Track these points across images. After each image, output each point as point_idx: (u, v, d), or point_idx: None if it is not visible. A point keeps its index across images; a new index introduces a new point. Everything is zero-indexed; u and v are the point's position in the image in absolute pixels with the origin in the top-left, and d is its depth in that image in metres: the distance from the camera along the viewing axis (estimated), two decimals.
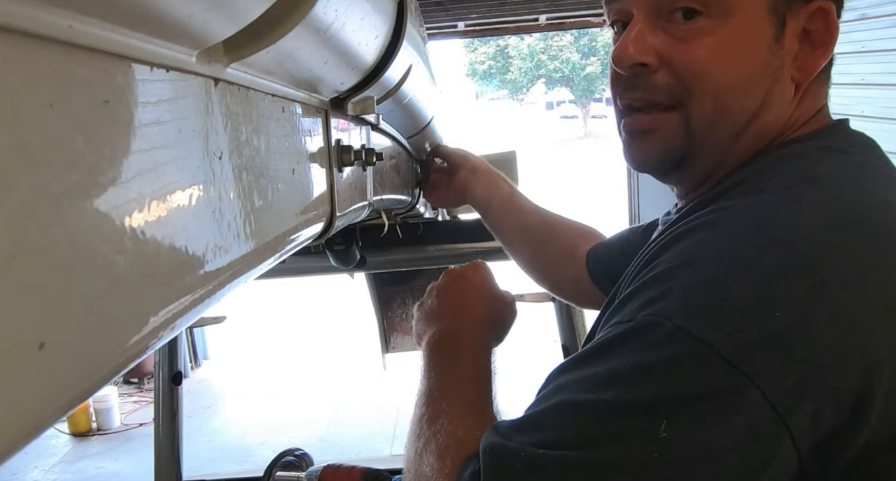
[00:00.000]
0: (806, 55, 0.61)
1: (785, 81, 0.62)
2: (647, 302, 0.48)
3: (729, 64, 0.60)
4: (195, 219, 0.38)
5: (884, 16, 3.52)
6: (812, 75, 0.62)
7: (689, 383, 0.43)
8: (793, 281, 0.45)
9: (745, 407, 0.43)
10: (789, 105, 0.63)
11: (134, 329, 0.31)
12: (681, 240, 0.52)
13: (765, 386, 0.43)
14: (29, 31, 0.24)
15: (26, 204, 0.24)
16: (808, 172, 0.56)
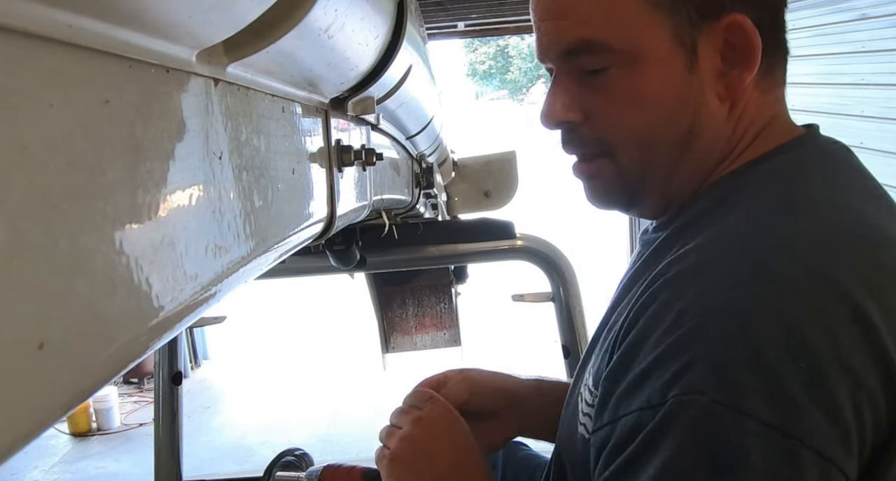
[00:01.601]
0: (732, 71, 0.59)
1: (710, 104, 0.60)
2: (673, 378, 0.45)
3: (643, 108, 0.60)
4: (195, 219, 0.38)
5: (884, 16, 3.52)
6: (740, 90, 0.59)
7: (744, 461, 0.41)
8: (807, 324, 0.44)
9: (805, 469, 0.42)
10: (725, 124, 0.61)
11: (134, 329, 0.31)
12: (675, 293, 0.49)
13: (817, 445, 0.42)
14: (29, 31, 0.24)
15: (26, 204, 0.24)
16: (780, 197, 0.54)
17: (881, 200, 0.57)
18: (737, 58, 0.58)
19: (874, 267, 0.48)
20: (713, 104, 0.60)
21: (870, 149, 3.69)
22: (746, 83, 0.59)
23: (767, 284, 0.46)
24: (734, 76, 0.59)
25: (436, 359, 2.61)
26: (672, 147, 0.61)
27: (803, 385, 0.42)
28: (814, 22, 4.22)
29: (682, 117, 0.60)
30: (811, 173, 0.56)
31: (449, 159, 2.55)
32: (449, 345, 2.32)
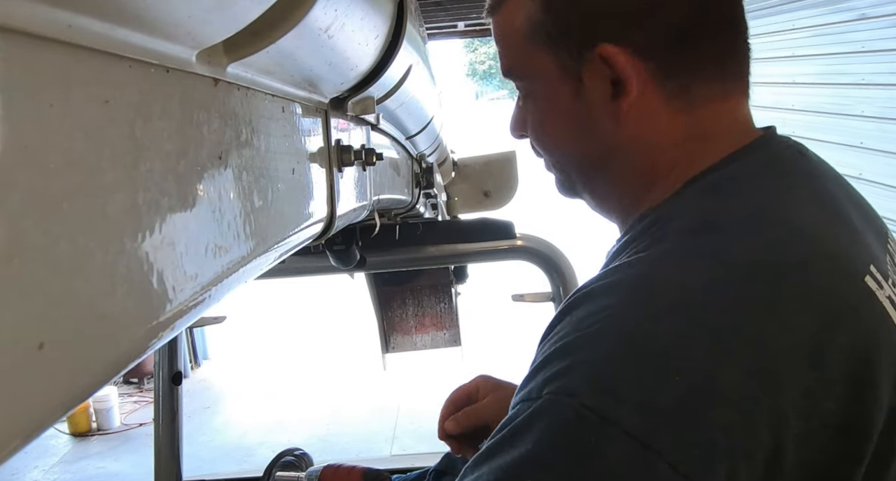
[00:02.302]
0: (618, 97, 0.60)
1: (609, 129, 0.61)
2: (552, 377, 0.47)
3: (552, 131, 0.66)
4: (195, 219, 0.38)
5: (884, 16, 3.52)
6: (629, 115, 0.60)
7: (599, 465, 0.43)
8: (692, 343, 0.45)
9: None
10: (639, 145, 0.61)
11: (134, 329, 0.31)
12: (585, 304, 0.51)
13: (675, 460, 0.42)
14: (29, 31, 0.24)
15: (26, 204, 0.24)
16: (709, 218, 0.54)
17: (826, 206, 0.56)
18: (619, 85, 0.59)
19: (780, 288, 0.48)
20: (610, 128, 0.61)
21: (870, 149, 3.70)
22: (628, 109, 0.59)
23: (665, 311, 0.47)
24: (619, 103, 0.60)
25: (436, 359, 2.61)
26: (588, 168, 0.66)
27: (674, 402, 0.43)
28: (814, 22, 4.22)
29: (587, 141, 0.63)
30: (746, 187, 0.56)
31: (449, 159, 2.55)
32: (449, 345, 2.32)
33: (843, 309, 0.48)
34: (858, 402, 0.47)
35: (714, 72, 0.60)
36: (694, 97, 0.60)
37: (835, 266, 0.50)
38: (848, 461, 0.46)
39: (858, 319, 0.48)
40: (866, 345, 0.48)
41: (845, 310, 0.48)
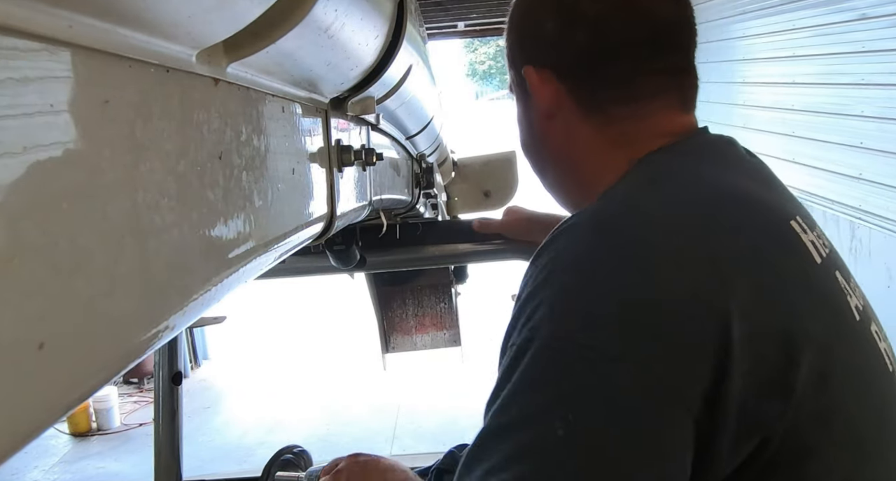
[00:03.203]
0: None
1: (541, 136, 0.71)
2: (526, 320, 0.52)
3: (519, 139, 0.76)
4: (195, 219, 0.38)
5: (884, 16, 3.51)
6: (549, 127, 0.69)
7: (569, 379, 0.48)
8: (619, 265, 0.51)
9: (622, 384, 0.47)
10: (568, 151, 0.69)
11: (134, 329, 0.31)
12: (542, 253, 0.56)
13: (632, 361, 0.47)
14: (29, 31, 0.24)
15: (26, 204, 0.24)
16: (653, 177, 0.60)
17: (753, 177, 0.62)
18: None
19: (717, 227, 0.53)
20: (546, 140, 0.71)
21: (870, 149, 3.69)
22: (542, 122, 0.69)
23: (605, 241, 0.53)
24: (550, 119, 0.69)
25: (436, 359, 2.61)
26: (540, 172, 0.75)
27: (617, 312, 0.49)
28: (814, 22, 4.22)
29: (535, 150, 0.74)
30: (684, 156, 0.62)
31: (449, 159, 2.55)
32: (449, 345, 2.32)
33: (774, 238, 0.54)
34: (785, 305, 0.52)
35: (626, 93, 0.66)
36: (610, 115, 0.66)
37: (766, 207, 0.57)
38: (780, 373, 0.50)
39: (788, 244, 0.55)
40: (794, 268, 0.54)
41: (775, 239, 0.54)
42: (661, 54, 0.66)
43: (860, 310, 0.58)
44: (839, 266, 0.60)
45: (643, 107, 0.66)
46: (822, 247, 0.59)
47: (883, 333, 0.62)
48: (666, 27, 0.66)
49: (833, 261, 0.59)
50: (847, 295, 0.58)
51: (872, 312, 0.63)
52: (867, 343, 0.57)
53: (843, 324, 0.55)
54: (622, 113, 0.66)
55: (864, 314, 0.59)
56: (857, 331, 0.56)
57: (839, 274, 0.59)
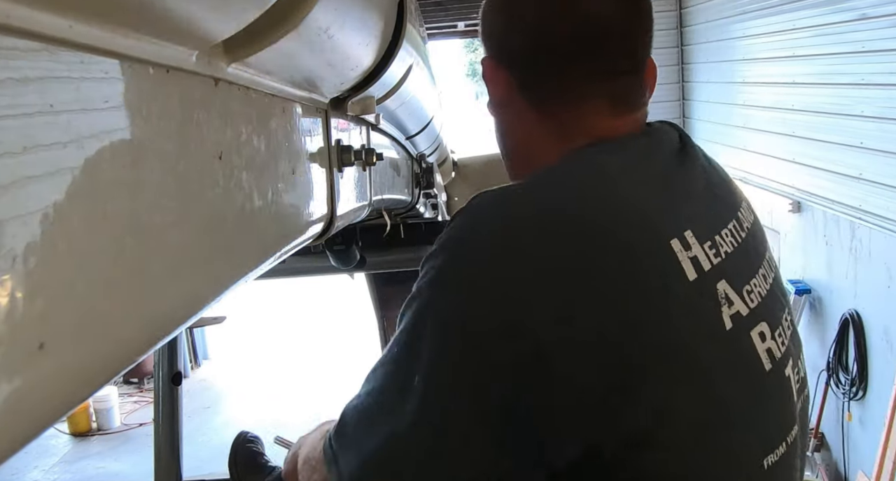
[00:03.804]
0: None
1: (504, 121, 0.77)
2: (417, 282, 0.61)
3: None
4: (195, 219, 0.38)
5: (884, 16, 3.51)
6: (498, 109, 0.75)
7: (424, 332, 0.58)
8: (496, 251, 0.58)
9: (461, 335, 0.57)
10: (518, 136, 0.76)
11: (134, 329, 0.31)
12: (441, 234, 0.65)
13: (469, 317, 0.57)
14: (29, 31, 0.24)
15: (26, 205, 0.24)
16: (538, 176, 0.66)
17: (656, 184, 0.65)
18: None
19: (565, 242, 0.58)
20: (498, 121, 0.77)
21: (870, 149, 3.69)
22: (497, 108, 0.75)
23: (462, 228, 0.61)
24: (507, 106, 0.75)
25: None
26: (501, 148, 0.81)
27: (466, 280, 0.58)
28: (814, 22, 4.22)
29: (497, 128, 0.79)
30: (589, 163, 0.66)
31: (449, 159, 2.55)
32: None
33: (617, 256, 0.58)
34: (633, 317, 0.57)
35: (560, 92, 0.71)
36: (548, 111, 0.71)
37: (635, 223, 0.60)
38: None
39: (636, 262, 0.58)
40: (633, 285, 0.58)
41: (618, 257, 0.58)
42: (596, 58, 0.69)
43: (740, 317, 0.61)
44: (735, 270, 0.63)
45: (575, 106, 0.70)
46: (714, 257, 0.62)
47: (779, 331, 0.66)
48: (603, 32, 0.68)
49: (722, 270, 0.62)
50: (723, 305, 0.61)
51: (772, 313, 0.66)
52: (736, 351, 0.61)
53: (694, 333, 0.59)
54: (558, 110, 0.71)
55: (747, 319, 0.62)
56: (719, 339, 0.60)
57: (726, 283, 0.62)
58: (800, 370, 0.70)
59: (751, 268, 0.66)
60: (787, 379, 0.66)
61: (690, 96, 6.68)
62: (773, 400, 0.64)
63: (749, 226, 0.70)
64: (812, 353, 4.61)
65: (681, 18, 6.74)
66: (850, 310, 4.04)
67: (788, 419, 0.65)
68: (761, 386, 0.63)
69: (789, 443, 0.64)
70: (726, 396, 0.60)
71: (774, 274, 0.71)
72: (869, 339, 3.92)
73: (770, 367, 0.63)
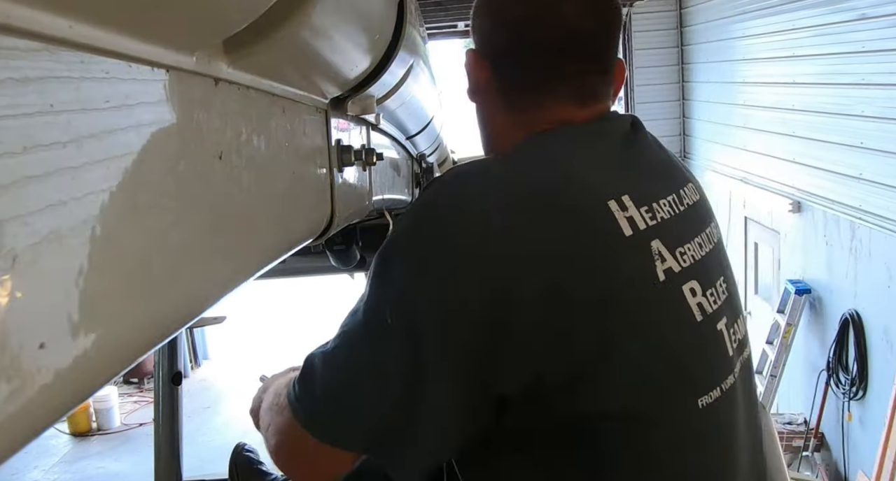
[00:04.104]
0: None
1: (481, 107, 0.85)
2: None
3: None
4: (195, 219, 0.38)
5: (884, 16, 3.51)
6: (476, 97, 0.82)
7: (393, 274, 0.65)
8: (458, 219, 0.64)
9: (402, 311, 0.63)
10: (494, 122, 0.83)
11: (134, 329, 0.31)
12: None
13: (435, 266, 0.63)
14: (29, 31, 0.24)
15: (26, 205, 0.24)
16: (489, 160, 0.77)
17: (601, 160, 0.73)
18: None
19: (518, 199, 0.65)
20: (477, 108, 0.85)
21: (870, 149, 3.69)
22: (476, 96, 0.82)
23: (426, 209, 0.68)
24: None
25: None
26: (481, 132, 0.87)
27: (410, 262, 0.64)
28: (814, 22, 4.22)
29: (477, 114, 0.86)
30: (544, 142, 0.74)
31: (449, 159, 2.55)
32: None
33: (563, 216, 0.65)
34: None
35: (531, 87, 0.78)
36: (518, 103, 0.79)
37: (579, 187, 0.68)
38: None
39: (581, 221, 0.66)
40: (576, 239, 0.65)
41: (563, 217, 0.65)
42: (566, 58, 0.77)
43: (672, 272, 0.68)
44: (669, 233, 0.70)
45: (543, 99, 0.78)
46: (649, 220, 0.69)
47: (711, 291, 0.73)
48: (574, 36, 0.76)
49: (657, 231, 0.69)
50: (656, 259, 0.68)
51: (704, 275, 0.73)
52: (667, 300, 0.68)
53: (630, 280, 0.66)
54: (527, 102, 0.78)
55: (679, 275, 0.69)
56: (653, 288, 0.67)
57: (660, 242, 0.68)
58: (736, 331, 0.76)
59: (686, 234, 0.73)
60: (718, 332, 0.72)
61: (690, 96, 6.68)
62: (704, 347, 0.71)
63: (690, 202, 0.78)
64: (812, 353, 4.61)
65: (681, 18, 6.74)
66: (850, 310, 4.04)
67: (722, 367, 0.72)
68: (691, 334, 0.69)
69: (724, 390, 0.71)
70: (658, 337, 0.67)
71: (714, 246, 0.78)
72: (869, 339, 3.93)
73: (701, 319, 0.70)
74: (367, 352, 0.66)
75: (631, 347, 0.65)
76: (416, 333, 0.62)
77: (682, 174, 0.83)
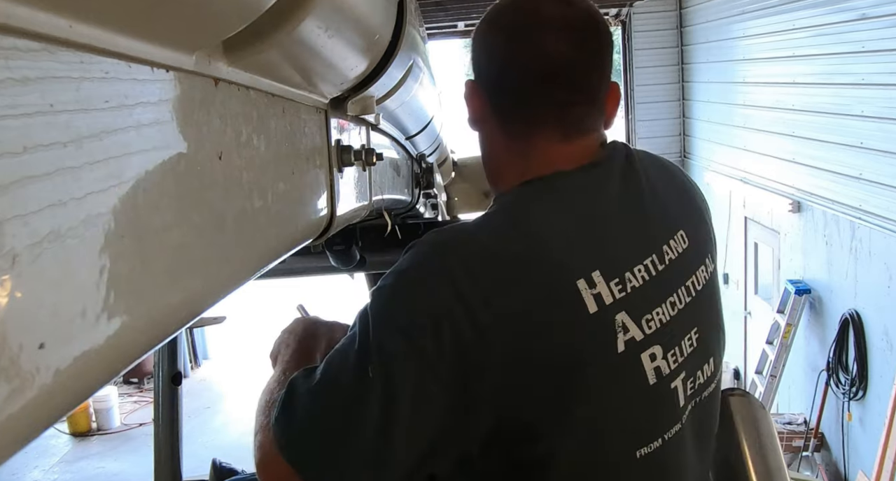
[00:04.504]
0: None
1: (482, 137, 0.88)
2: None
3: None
4: (195, 220, 0.38)
5: (884, 16, 3.51)
6: (476, 126, 0.86)
7: (355, 342, 0.70)
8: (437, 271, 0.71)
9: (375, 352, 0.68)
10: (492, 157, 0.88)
11: (134, 329, 0.31)
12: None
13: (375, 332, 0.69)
14: (29, 31, 0.24)
15: (26, 205, 0.24)
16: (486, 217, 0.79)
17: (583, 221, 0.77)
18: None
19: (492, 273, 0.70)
20: (478, 135, 0.88)
21: (870, 149, 3.69)
22: (475, 124, 0.86)
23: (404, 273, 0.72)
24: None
25: None
26: (482, 156, 0.91)
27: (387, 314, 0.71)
28: (814, 22, 4.22)
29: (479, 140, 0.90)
30: (530, 201, 0.78)
31: (449, 159, 2.55)
32: None
33: (548, 293, 0.71)
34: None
35: (520, 116, 0.81)
36: (512, 132, 0.82)
37: (546, 265, 0.72)
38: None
39: (558, 300, 0.71)
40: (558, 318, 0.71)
41: (549, 294, 0.71)
42: (550, 90, 0.79)
43: (634, 341, 0.74)
44: (638, 302, 0.74)
45: (530, 132, 0.81)
46: (619, 292, 0.73)
47: (673, 352, 0.78)
48: (559, 67, 0.78)
49: (625, 303, 0.73)
50: (619, 332, 0.73)
51: (670, 336, 0.77)
52: (624, 368, 0.74)
53: (589, 354, 0.72)
54: (516, 133, 0.82)
55: (640, 343, 0.74)
56: (610, 359, 0.72)
57: (626, 314, 0.73)
58: (698, 378, 0.82)
59: (657, 298, 0.77)
60: (672, 390, 0.78)
61: (690, 96, 6.68)
62: (651, 406, 0.77)
63: (674, 256, 0.81)
64: (812, 353, 4.62)
65: (681, 18, 6.75)
66: (850, 310, 4.04)
67: (668, 419, 0.78)
68: (641, 396, 0.75)
69: (667, 439, 0.77)
70: (608, 401, 0.74)
71: (694, 296, 0.82)
72: (869, 339, 3.93)
73: (654, 382, 0.76)
74: (344, 395, 0.70)
75: (582, 409, 0.72)
76: (390, 386, 0.67)
77: (680, 211, 0.86)
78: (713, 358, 0.85)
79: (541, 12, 0.79)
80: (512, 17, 0.81)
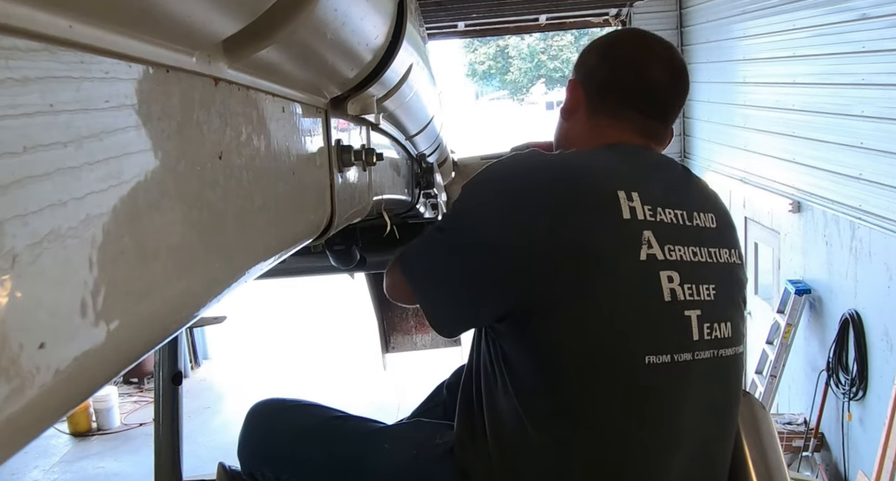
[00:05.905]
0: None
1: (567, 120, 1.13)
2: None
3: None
4: (194, 219, 0.38)
5: (884, 16, 3.51)
6: (572, 120, 1.10)
7: (448, 222, 1.00)
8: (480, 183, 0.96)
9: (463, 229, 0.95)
10: (571, 134, 1.11)
11: (134, 328, 0.31)
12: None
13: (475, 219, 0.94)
14: (29, 31, 0.24)
15: (26, 205, 0.24)
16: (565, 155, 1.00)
17: (624, 164, 0.96)
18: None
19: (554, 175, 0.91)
20: (563, 121, 1.13)
21: (870, 149, 3.69)
22: (566, 113, 1.10)
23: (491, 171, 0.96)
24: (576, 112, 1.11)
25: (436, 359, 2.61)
26: (558, 139, 1.16)
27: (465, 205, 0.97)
28: (814, 22, 4.22)
29: (561, 126, 1.15)
30: (597, 151, 1.00)
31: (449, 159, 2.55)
32: (449, 345, 2.32)
33: (580, 194, 0.89)
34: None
35: (612, 113, 1.05)
36: (599, 121, 1.06)
37: (599, 179, 0.91)
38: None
39: (592, 201, 0.89)
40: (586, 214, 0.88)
41: (581, 195, 0.89)
42: (642, 101, 1.04)
43: (654, 258, 0.88)
44: (663, 232, 0.90)
45: (617, 124, 1.05)
46: (649, 215, 0.89)
47: (693, 289, 0.90)
48: (653, 87, 1.05)
49: (652, 225, 0.89)
50: (643, 245, 0.87)
51: (690, 275, 0.90)
52: (642, 274, 0.87)
53: (615, 251, 0.87)
54: (606, 122, 1.06)
55: (660, 262, 0.88)
56: (632, 262, 0.87)
57: (651, 234, 0.88)
58: (714, 329, 0.93)
59: (681, 240, 0.92)
60: (685, 317, 0.90)
61: (690, 96, 6.65)
62: (663, 320, 0.89)
63: (701, 224, 0.97)
64: (812, 353, 4.62)
65: (681, 18, 6.74)
66: (850, 310, 4.04)
67: (677, 342, 0.89)
68: (653, 306, 0.88)
69: (676, 360, 0.88)
70: (620, 297, 0.87)
71: (717, 265, 0.96)
72: (869, 339, 3.93)
73: (668, 300, 0.89)
74: (436, 241, 0.97)
75: (602, 296, 0.86)
76: (463, 237, 0.93)
77: (708, 204, 1.03)
78: (731, 323, 0.96)
79: (653, 50, 1.07)
80: (631, 48, 1.09)
